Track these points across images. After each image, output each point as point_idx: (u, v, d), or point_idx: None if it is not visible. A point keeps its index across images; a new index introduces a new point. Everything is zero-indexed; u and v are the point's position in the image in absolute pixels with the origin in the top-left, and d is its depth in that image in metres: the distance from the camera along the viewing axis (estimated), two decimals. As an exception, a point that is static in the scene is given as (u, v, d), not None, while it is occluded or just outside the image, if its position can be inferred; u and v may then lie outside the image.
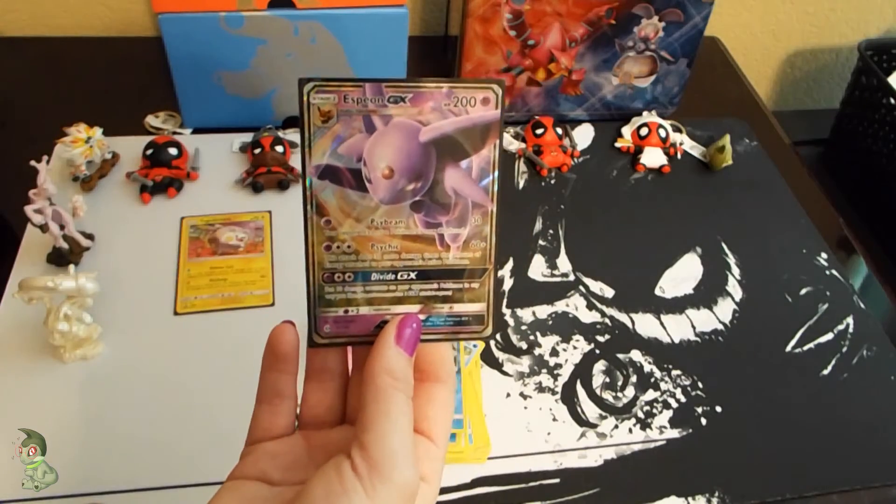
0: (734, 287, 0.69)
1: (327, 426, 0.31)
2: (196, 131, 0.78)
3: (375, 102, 0.29)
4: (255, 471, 0.29)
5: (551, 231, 0.72)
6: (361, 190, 0.29)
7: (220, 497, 0.28)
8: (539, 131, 0.79)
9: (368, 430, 0.26)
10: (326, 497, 0.25)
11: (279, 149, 0.72)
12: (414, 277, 0.30)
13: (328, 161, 0.29)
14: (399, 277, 0.30)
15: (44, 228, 0.60)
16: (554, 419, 0.57)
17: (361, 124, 0.29)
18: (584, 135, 0.84)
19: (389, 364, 0.28)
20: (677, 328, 0.65)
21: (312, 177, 0.29)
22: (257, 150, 0.72)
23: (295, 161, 0.74)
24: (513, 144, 0.80)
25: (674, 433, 0.58)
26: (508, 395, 0.59)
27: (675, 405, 0.59)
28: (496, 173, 0.30)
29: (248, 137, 0.75)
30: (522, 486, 0.53)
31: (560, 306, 0.66)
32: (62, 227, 0.61)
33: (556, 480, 0.54)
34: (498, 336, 0.63)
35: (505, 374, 0.60)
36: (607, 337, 0.64)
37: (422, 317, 0.30)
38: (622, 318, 0.65)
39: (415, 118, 0.29)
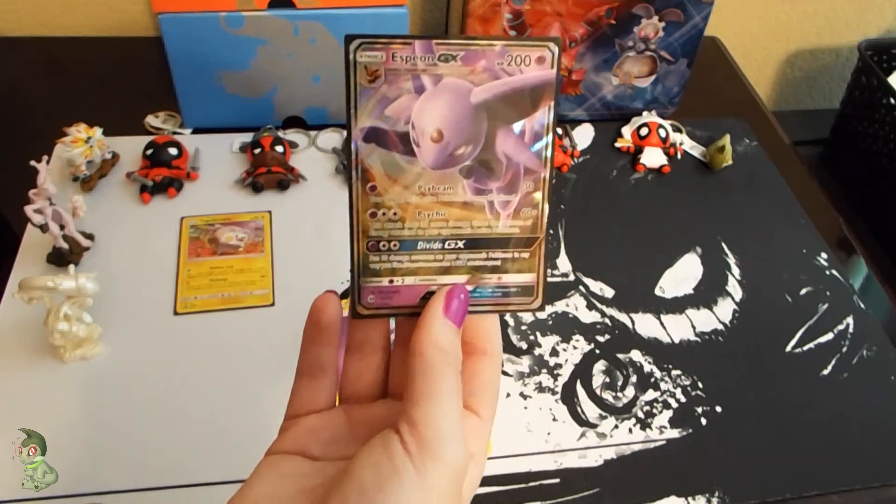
0: (734, 287, 0.69)
1: (368, 400, 0.30)
2: (196, 131, 0.78)
3: (425, 61, 0.27)
4: (295, 445, 0.28)
5: (551, 231, 0.72)
6: (409, 154, 0.28)
7: (259, 473, 0.27)
8: (539, 131, 0.79)
9: (417, 406, 0.25)
10: (376, 476, 0.24)
11: (279, 149, 0.72)
12: (462, 246, 0.29)
13: (375, 123, 0.27)
14: (446, 246, 0.29)
15: (44, 228, 0.60)
16: (554, 419, 0.57)
17: (410, 84, 0.27)
18: (584, 135, 0.84)
19: (438, 336, 0.27)
20: (677, 328, 0.65)
21: (357, 140, 0.27)
22: (257, 150, 0.72)
23: (295, 161, 0.74)
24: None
25: (674, 433, 0.58)
26: (508, 395, 0.59)
27: (675, 405, 0.59)
28: (550, 137, 0.28)
29: (248, 137, 0.75)
30: (522, 486, 0.53)
31: (560, 306, 0.66)
32: (62, 227, 0.61)
33: (556, 480, 0.54)
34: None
35: (505, 374, 0.60)
36: (607, 337, 0.64)
37: (469, 287, 0.29)
38: (622, 318, 0.65)
39: (466, 78, 0.27)
